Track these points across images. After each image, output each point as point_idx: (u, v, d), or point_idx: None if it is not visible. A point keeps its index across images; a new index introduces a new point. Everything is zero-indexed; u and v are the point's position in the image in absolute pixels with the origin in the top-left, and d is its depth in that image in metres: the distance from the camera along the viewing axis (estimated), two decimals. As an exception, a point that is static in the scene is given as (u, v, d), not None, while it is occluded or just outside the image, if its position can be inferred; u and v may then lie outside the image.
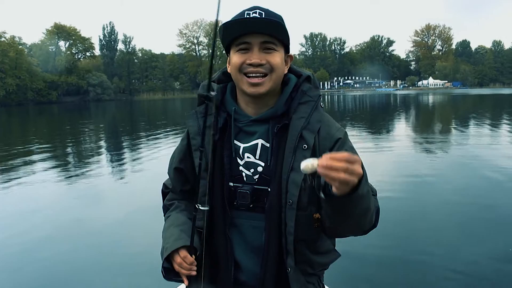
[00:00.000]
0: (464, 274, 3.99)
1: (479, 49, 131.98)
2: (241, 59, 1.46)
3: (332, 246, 1.66)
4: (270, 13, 1.47)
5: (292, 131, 1.48)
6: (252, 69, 1.45)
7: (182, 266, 1.50)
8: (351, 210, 1.28)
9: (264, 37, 1.44)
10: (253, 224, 1.53)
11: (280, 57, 1.48)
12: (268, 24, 1.43)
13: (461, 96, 61.00)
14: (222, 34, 1.46)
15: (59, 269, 4.42)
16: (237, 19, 1.44)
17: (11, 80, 71.16)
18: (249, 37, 1.44)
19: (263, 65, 1.45)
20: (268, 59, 1.45)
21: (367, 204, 1.32)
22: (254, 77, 1.46)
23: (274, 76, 1.47)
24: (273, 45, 1.46)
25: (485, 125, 18.16)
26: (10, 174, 9.70)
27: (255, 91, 1.47)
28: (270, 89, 1.48)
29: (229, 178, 1.54)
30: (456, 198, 6.62)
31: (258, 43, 1.44)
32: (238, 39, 1.46)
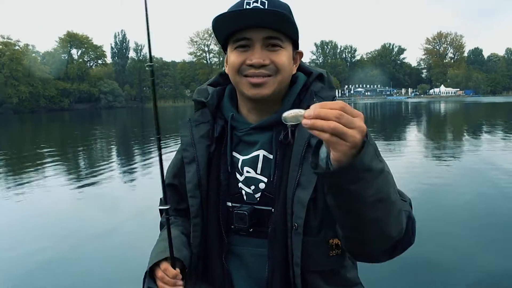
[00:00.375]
0: (478, 281, 3.93)
1: (492, 56, 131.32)
2: (240, 58, 1.20)
3: (357, 280, 1.34)
4: (275, 2, 1.20)
5: (298, 139, 1.19)
6: (254, 71, 1.19)
7: (164, 281, 1.22)
8: (361, 192, 0.93)
9: (268, 31, 1.18)
10: (256, 252, 1.27)
11: (287, 55, 1.22)
12: (273, 15, 1.15)
13: (473, 104, 60.52)
14: (215, 28, 1.21)
15: (70, 277, 4.35)
16: (233, 10, 1.18)
17: (24, 88, 72.04)
18: (249, 32, 1.18)
19: (266, 65, 1.19)
20: (273, 58, 1.19)
21: (385, 187, 0.97)
22: (255, 76, 1.20)
23: (280, 78, 1.21)
24: (279, 41, 1.20)
25: (499, 133, 17.92)
26: (22, 179, 9.70)
27: (257, 93, 1.21)
28: (275, 91, 1.23)
29: (226, 197, 1.30)
30: (470, 205, 6.53)
31: (261, 39, 1.18)
32: (236, 34, 1.20)
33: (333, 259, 1.22)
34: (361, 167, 0.89)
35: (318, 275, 1.23)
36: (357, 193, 0.93)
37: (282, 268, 1.22)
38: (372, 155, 0.92)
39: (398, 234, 1.05)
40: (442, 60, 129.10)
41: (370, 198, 0.94)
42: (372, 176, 0.92)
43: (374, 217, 0.98)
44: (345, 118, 0.85)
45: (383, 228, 1.02)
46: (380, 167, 0.95)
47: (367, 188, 0.93)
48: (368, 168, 0.91)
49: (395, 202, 1.02)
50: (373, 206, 0.96)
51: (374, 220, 0.99)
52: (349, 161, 0.88)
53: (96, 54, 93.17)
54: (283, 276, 1.22)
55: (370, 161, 0.91)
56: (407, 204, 1.17)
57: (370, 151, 0.91)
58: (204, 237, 1.31)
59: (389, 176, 1.02)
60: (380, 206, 0.97)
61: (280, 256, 1.22)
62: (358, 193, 0.93)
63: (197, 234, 1.31)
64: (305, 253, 1.19)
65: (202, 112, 1.37)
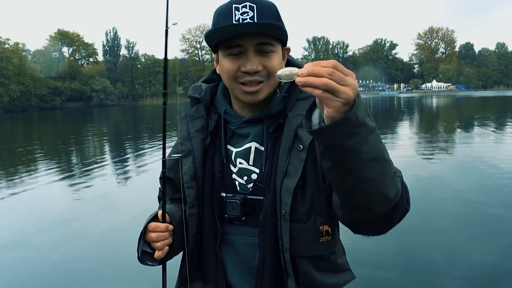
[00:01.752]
0: (471, 276, 3.95)
1: (483, 51, 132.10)
2: (234, 65, 1.24)
3: (347, 265, 1.40)
4: (264, 6, 1.22)
5: (287, 130, 1.26)
6: (249, 78, 1.24)
7: (160, 239, 1.30)
8: (357, 148, 0.94)
9: (259, 37, 1.21)
10: (248, 241, 1.33)
11: (279, 58, 1.27)
12: (265, 26, 1.20)
13: (465, 98, 60.91)
14: (207, 40, 1.26)
15: (63, 275, 4.34)
16: (223, 26, 1.21)
17: (15, 87, 71.37)
18: (241, 39, 1.21)
19: (259, 71, 1.23)
20: (265, 63, 1.23)
21: (379, 145, 0.99)
22: (249, 85, 1.25)
23: (273, 82, 1.27)
24: (270, 46, 1.23)
25: (491, 127, 18.04)
26: (14, 179, 9.65)
27: (252, 99, 1.27)
28: (268, 94, 1.29)
29: (220, 187, 1.36)
30: (463, 199, 6.59)
31: (253, 45, 1.22)
32: (228, 41, 1.23)
33: (323, 245, 1.27)
34: (355, 121, 0.90)
35: (308, 261, 1.27)
36: (352, 148, 0.94)
37: (273, 255, 1.27)
38: (364, 112, 0.93)
39: (395, 195, 1.06)
40: (434, 55, 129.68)
41: (365, 155, 0.95)
42: (366, 131, 0.93)
43: (370, 176, 0.99)
44: (337, 75, 0.87)
45: (380, 188, 1.02)
46: (373, 125, 0.96)
47: (362, 144, 0.94)
48: (362, 123, 0.92)
49: (389, 161, 1.04)
50: (368, 164, 0.97)
51: (371, 179, 0.99)
52: (342, 116, 0.89)
53: (87, 52, 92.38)
54: (274, 263, 1.27)
55: (363, 116, 0.92)
56: (399, 170, 1.16)
57: (362, 108, 0.92)
58: (200, 226, 1.36)
59: (380, 137, 1.02)
60: (375, 164, 0.98)
61: (270, 243, 1.27)
62: (353, 148, 0.94)
63: (193, 224, 1.35)
64: (294, 239, 1.23)
65: (197, 108, 1.43)
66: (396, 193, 1.07)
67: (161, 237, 1.30)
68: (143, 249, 1.33)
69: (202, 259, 1.39)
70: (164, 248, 1.31)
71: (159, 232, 1.30)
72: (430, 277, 3.97)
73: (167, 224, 1.32)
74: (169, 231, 1.32)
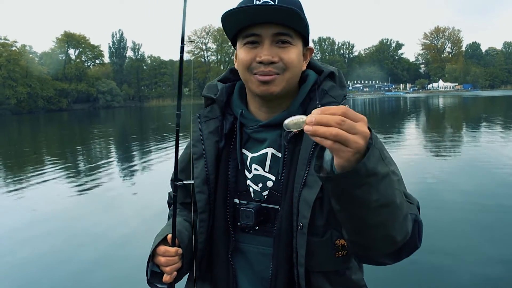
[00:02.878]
0: (479, 276, 3.93)
1: (490, 50, 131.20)
2: (249, 55, 1.19)
3: (362, 282, 1.32)
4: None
5: (307, 138, 1.17)
6: (263, 69, 1.17)
7: (168, 263, 1.25)
8: (365, 197, 0.91)
9: (277, 27, 1.16)
10: (261, 251, 1.27)
11: (297, 52, 1.20)
12: (282, 11, 1.12)
13: (472, 98, 60.53)
14: (224, 24, 1.19)
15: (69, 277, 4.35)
16: (242, 6, 1.15)
17: (22, 89, 71.77)
18: (258, 28, 1.16)
19: (275, 63, 1.17)
20: (282, 55, 1.17)
21: (390, 191, 0.95)
22: (264, 75, 1.18)
23: (288, 75, 1.20)
24: (288, 37, 1.17)
25: (498, 127, 17.90)
26: (21, 179, 9.69)
27: (266, 89, 1.20)
28: (284, 89, 1.21)
29: (234, 193, 1.30)
30: (471, 199, 6.54)
31: (270, 35, 1.16)
32: (246, 30, 1.18)
33: (338, 260, 1.20)
34: (365, 172, 0.87)
35: (323, 276, 1.21)
36: (360, 197, 0.91)
37: (287, 268, 1.21)
38: (377, 159, 0.89)
39: (403, 238, 1.03)
40: (440, 55, 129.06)
41: (374, 203, 0.92)
42: (376, 180, 0.90)
43: (378, 222, 0.96)
44: (347, 123, 0.83)
45: (387, 233, 1.00)
46: (385, 171, 0.92)
47: (371, 193, 0.91)
48: (373, 173, 0.88)
49: (400, 206, 0.99)
50: (377, 211, 0.94)
51: (378, 224, 0.97)
52: (352, 166, 0.86)
53: (93, 54, 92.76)
54: (288, 276, 1.21)
55: (375, 165, 0.88)
56: (414, 206, 1.13)
57: (375, 155, 0.88)
58: (210, 233, 1.30)
59: (395, 179, 0.98)
60: (384, 211, 0.95)
61: (284, 255, 1.21)
62: (361, 197, 0.91)
63: (203, 230, 1.30)
64: (310, 253, 1.17)
65: (212, 108, 1.36)
66: (405, 236, 1.04)
67: (170, 261, 1.25)
68: (153, 269, 1.29)
69: (212, 267, 1.33)
70: (173, 273, 1.26)
71: (169, 257, 1.26)
72: (436, 274, 3.96)
73: (177, 248, 1.27)
74: (178, 255, 1.27)
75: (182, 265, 1.29)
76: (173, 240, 1.27)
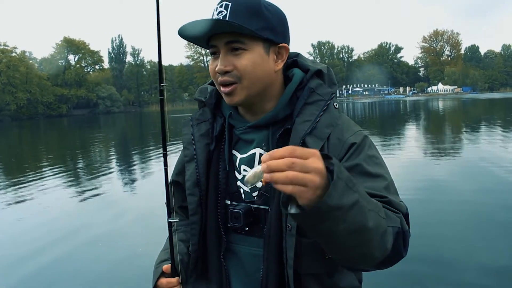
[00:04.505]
0: (476, 280, 3.89)
1: (489, 53, 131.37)
2: (212, 66, 1.21)
3: (357, 283, 1.29)
4: (238, 4, 1.15)
5: (293, 138, 1.17)
6: (220, 78, 1.18)
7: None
8: (331, 229, 0.90)
9: (228, 36, 1.16)
10: (253, 252, 1.26)
11: (251, 57, 1.16)
12: (227, 23, 1.13)
13: (471, 100, 60.60)
14: (185, 38, 1.20)
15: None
16: (190, 22, 1.16)
17: (22, 95, 71.98)
18: (214, 39, 1.18)
19: (229, 72, 1.17)
20: (235, 62, 1.16)
21: (360, 218, 0.92)
22: (223, 85, 1.19)
23: (246, 83, 1.17)
24: (240, 44, 1.15)
25: (498, 129, 17.89)
26: (21, 184, 9.67)
27: (230, 100, 1.21)
28: (249, 97, 1.20)
29: (225, 195, 1.29)
30: (473, 200, 6.51)
31: (223, 44, 1.17)
32: (210, 40, 1.20)
33: (327, 262, 1.18)
34: (327, 208, 0.85)
35: (313, 278, 1.20)
36: (327, 229, 0.90)
37: (277, 269, 1.19)
38: (341, 192, 0.86)
39: (382, 254, 1.02)
40: (439, 58, 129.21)
41: (342, 232, 0.90)
42: (342, 213, 0.88)
43: (351, 245, 0.96)
44: (298, 163, 0.82)
45: (364, 252, 0.99)
46: (353, 200, 0.89)
47: (338, 224, 0.89)
48: (337, 208, 0.86)
49: (374, 227, 0.96)
50: (347, 237, 0.93)
51: (352, 247, 0.97)
52: (315, 204, 0.85)
53: (93, 60, 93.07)
54: (278, 277, 1.19)
55: (339, 199, 0.86)
56: (397, 219, 1.09)
57: (338, 189, 0.86)
58: (203, 235, 1.30)
59: (365, 204, 0.94)
60: (355, 236, 0.93)
61: (275, 256, 1.19)
62: (328, 229, 0.90)
63: (195, 232, 1.30)
64: (299, 255, 1.16)
65: (203, 111, 1.36)
66: (384, 251, 1.02)
67: None
68: None
69: (206, 269, 1.33)
70: None
71: None
72: (439, 274, 3.94)
73: (177, 278, 1.26)
74: (179, 284, 1.27)
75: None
76: (172, 269, 1.26)
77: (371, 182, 1.13)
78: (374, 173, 1.15)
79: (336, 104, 1.25)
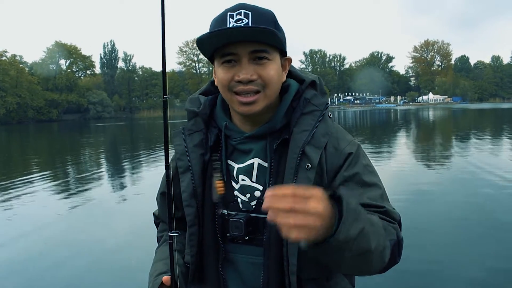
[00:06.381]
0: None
1: (478, 64, 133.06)
2: (228, 75, 1.18)
3: (350, 286, 1.34)
4: (260, 14, 1.16)
5: (292, 147, 1.20)
6: (243, 87, 1.16)
7: None
8: (338, 257, 0.96)
9: (254, 45, 1.15)
10: (252, 260, 1.26)
11: (275, 67, 1.19)
12: (257, 31, 1.12)
13: (461, 110, 61.17)
14: (200, 46, 1.18)
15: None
16: (216, 30, 1.13)
17: (11, 99, 71.44)
18: (235, 47, 1.15)
19: (254, 81, 1.16)
20: (260, 72, 1.16)
21: (364, 243, 0.97)
22: (244, 95, 1.18)
23: (269, 92, 1.19)
24: (265, 53, 1.16)
25: (486, 139, 18.02)
26: (9, 192, 9.52)
27: (248, 110, 1.19)
28: (265, 106, 1.21)
29: (221, 205, 1.29)
30: (459, 210, 6.51)
31: (247, 53, 1.15)
32: (223, 49, 1.17)
33: (328, 267, 1.20)
34: (337, 243, 0.90)
35: (313, 282, 1.23)
36: (334, 258, 0.97)
37: (278, 277, 1.21)
38: (349, 224, 0.90)
39: (380, 267, 1.09)
40: (430, 68, 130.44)
41: (347, 257, 0.96)
42: (349, 244, 0.92)
43: (353, 265, 1.02)
44: (299, 210, 0.83)
45: (363, 269, 1.07)
46: (359, 229, 0.93)
47: (344, 252, 0.94)
48: (345, 241, 0.90)
49: (376, 248, 1.01)
50: (351, 260, 0.98)
51: (354, 265, 1.03)
52: (323, 238, 0.88)
53: (84, 65, 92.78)
54: (279, 285, 1.21)
55: (347, 231, 0.90)
56: (393, 230, 1.15)
57: (346, 222, 0.90)
58: (201, 245, 1.30)
59: (369, 228, 0.98)
60: (359, 258, 0.98)
61: (275, 263, 1.21)
62: (335, 258, 0.97)
63: (194, 243, 1.30)
64: (302, 261, 1.18)
65: (195, 121, 1.34)
66: (382, 264, 1.08)
67: None
68: None
69: (204, 279, 1.32)
70: None
71: None
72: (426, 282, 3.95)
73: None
74: None
75: None
76: (172, 282, 1.23)
77: (369, 191, 1.19)
78: (370, 182, 1.21)
79: (330, 114, 1.29)
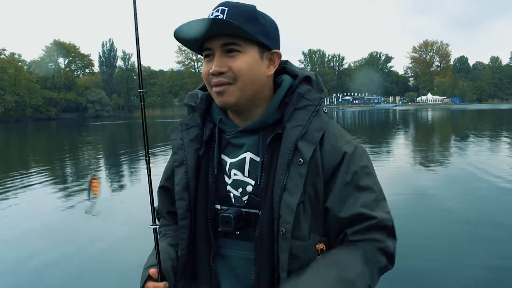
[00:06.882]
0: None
1: (477, 65, 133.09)
2: (205, 69, 1.23)
3: None
4: (236, 9, 1.19)
5: (285, 142, 1.20)
6: (215, 80, 1.20)
7: None
8: None
9: (225, 38, 1.18)
10: (243, 255, 1.26)
11: (247, 59, 1.19)
12: (223, 24, 1.15)
13: (460, 111, 61.24)
14: (180, 40, 1.23)
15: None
16: (187, 22, 1.18)
17: (10, 97, 71.26)
18: (209, 42, 1.20)
19: (224, 73, 1.19)
20: (230, 64, 1.18)
21: None
22: (216, 86, 1.21)
23: (241, 84, 1.20)
24: (236, 46, 1.18)
25: (484, 140, 18.03)
26: (7, 188, 9.50)
27: (221, 100, 1.22)
28: (241, 98, 1.21)
29: (215, 199, 1.30)
30: (454, 211, 6.54)
31: (219, 46, 1.19)
32: (203, 45, 1.22)
33: None
34: None
35: None
36: None
37: (269, 272, 1.21)
38: None
39: None
40: (429, 68, 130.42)
41: None
42: None
43: None
44: None
45: None
46: None
47: None
48: None
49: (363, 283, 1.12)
50: None
51: None
52: None
53: (83, 63, 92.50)
54: (270, 280, 1.21)
55: None
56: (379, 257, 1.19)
57: None
58: (192, 239, 1.30)
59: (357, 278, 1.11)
60: None
61: (267, 260, 1.21)
62: None
63: (184, 237, 1.30)
64: (293, 257, 1.18)
65: (193, 116, 1.36)
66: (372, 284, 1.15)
67: None
68: None
69: (195, 273, 1.33)
70: None
71: None
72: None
73: (165, 282, 1.23)
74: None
75: None
76: (159, 274, 1.22)
77: (363, 197, 1.19)
78: (365, 186, 1.20)
79: (325, 109, 1.28)
